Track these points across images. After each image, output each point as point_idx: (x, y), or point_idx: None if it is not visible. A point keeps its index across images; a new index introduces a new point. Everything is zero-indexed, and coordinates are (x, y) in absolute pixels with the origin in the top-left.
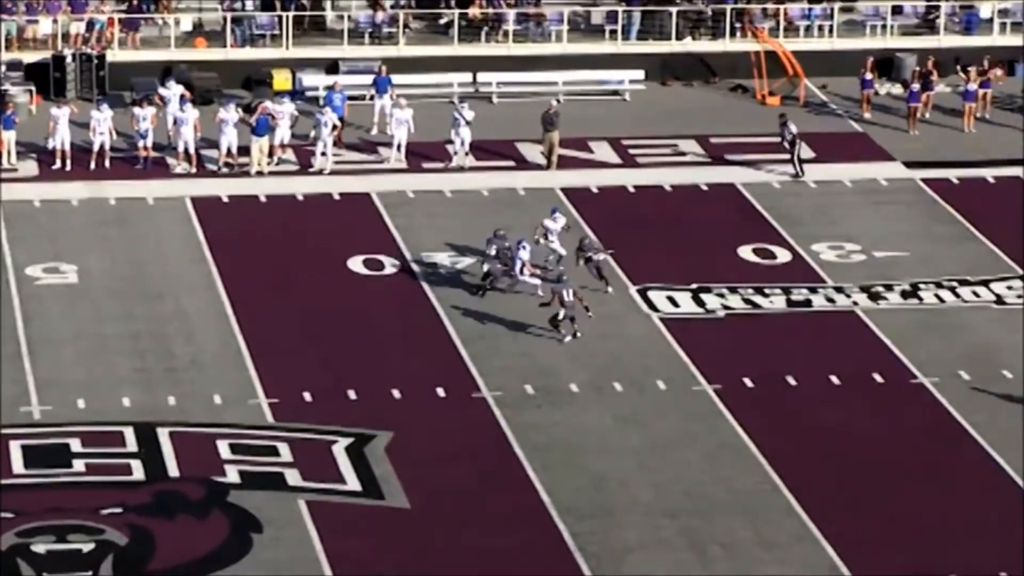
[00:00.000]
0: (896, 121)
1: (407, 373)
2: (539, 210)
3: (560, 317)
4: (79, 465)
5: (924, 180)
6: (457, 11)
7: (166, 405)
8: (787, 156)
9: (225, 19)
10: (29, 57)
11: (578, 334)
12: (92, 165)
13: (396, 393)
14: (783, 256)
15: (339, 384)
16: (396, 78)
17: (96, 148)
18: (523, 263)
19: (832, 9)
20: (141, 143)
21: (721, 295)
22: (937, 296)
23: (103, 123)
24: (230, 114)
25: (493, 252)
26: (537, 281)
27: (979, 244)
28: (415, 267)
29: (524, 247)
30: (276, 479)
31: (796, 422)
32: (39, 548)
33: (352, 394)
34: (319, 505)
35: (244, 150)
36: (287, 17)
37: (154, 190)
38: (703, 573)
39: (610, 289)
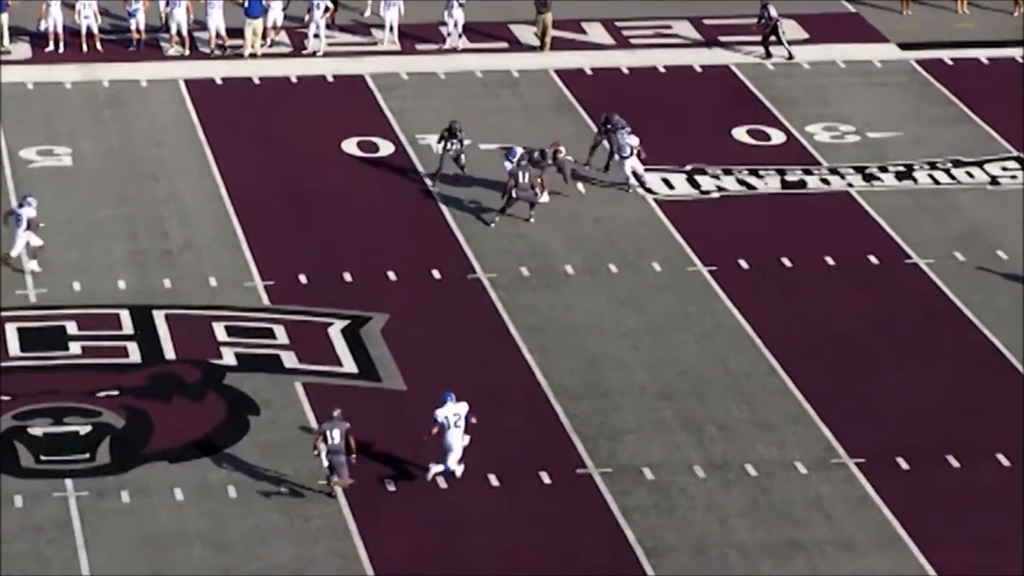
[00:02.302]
0: (889, 3)
1: (402, 255)
2: (533, 92)
3: (510, 196)
4: (75, 348)
5: (918, 61)
6: None
7: (162, 288)
8: (759, 40)
9: None
10: None
11: (531, 219)
12: (84, 48)
13: (392, 275)
14: (777, 137)
15: (334, 267)
16: None
17: (84, 31)
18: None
19: None
20: (134, 25)
21: (716, 176)
22: (931, 177)
23: (88, 6)
24: None
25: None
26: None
27: (973, 125)
28: (409, 149)
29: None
30: (272, 361)
31: (791, 303)
32: (36, 431)
33: (348, 276)
34: (316, 387)
35: (237, 32)
36: None
37: (147, 72)
38: (699, 454)
39: (580, 186)
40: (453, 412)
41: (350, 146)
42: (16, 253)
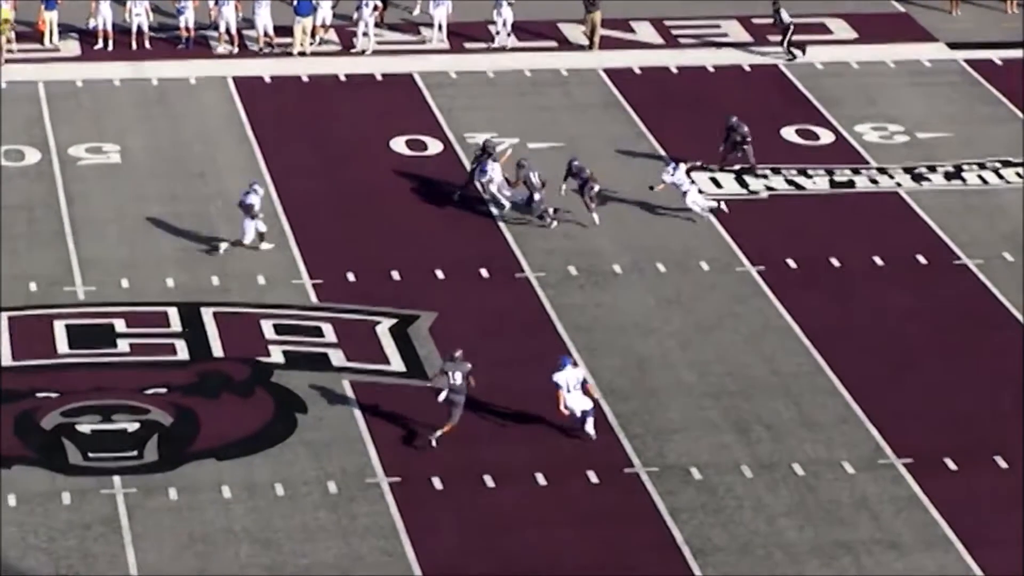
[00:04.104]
0: (939, 2)
1: (450, 254)
2: (581, 91)
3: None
4: (123, 345)
5: (967, 61)
6: None
7: (210, 285)
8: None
9: None
10: None
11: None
12: (133, 46)
13: (440, 274)
14: (826, 137)
15: (383, 265)
16: None
17: (134, 29)
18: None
19: None
20: (183, 23)
21: (764, 176)
22: (980, 177)
23: (140, 4)
24: None
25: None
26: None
27: (1022, 125)
28: (458, 148)
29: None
30: (320, 360)
31: (839, 303)
32: (84, 428)
33: (396, 275)
34: (363, 386)
35: (286, 30)
36: None
37: (196, 70)
38: (746, 454)
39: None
40: (573, 376)
41: (398, 144)
42: (249, 240)
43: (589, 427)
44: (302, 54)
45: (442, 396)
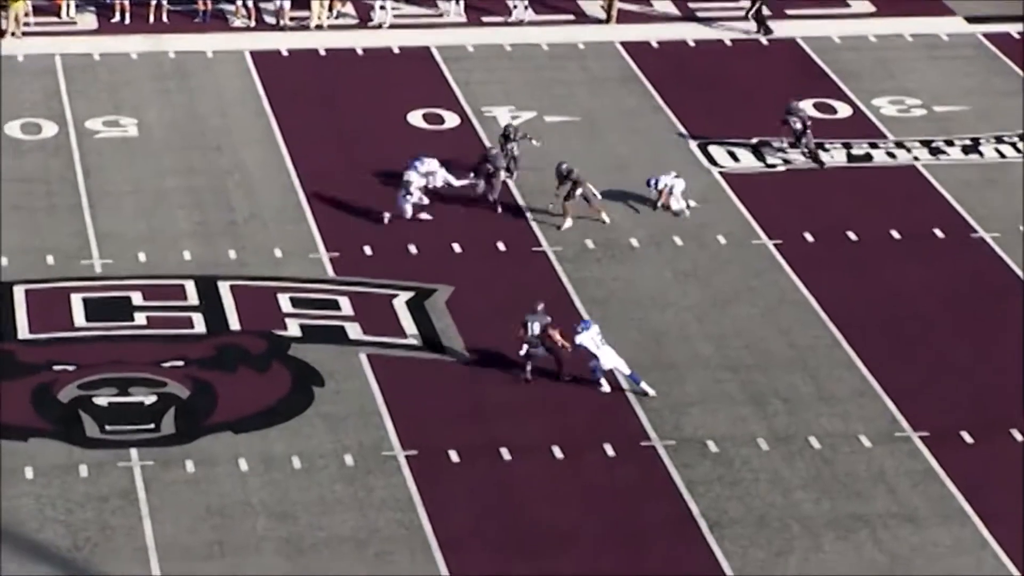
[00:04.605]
0: None
1: (467, 227)
2: (598, 64)
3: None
4: (140, 318)
5: (985, 35)
6: None
7: (227, 258)
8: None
9: None
10: None
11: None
12: (150, 19)
13: (457, 247)
14: (844, 111)
15: (399, 238)
16: None
17: (152, 2)
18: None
19: None
20: None
21: (781, 149)
22: (998, 151)
23: None
24: None
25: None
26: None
27: None
28: (475, 121)
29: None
30: (337, 333)
31: (856, 277)
32: (101, 400)
33: (413, 248)
34: (380, 359)
35: (304, 3)
36: None
37: (213, 43)
38: (763, 426)
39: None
40: (596, 333)
41: (415, 118)
42: (409, 216)
43: (644, 385)
44: (319, 27)
45: (522, 350)
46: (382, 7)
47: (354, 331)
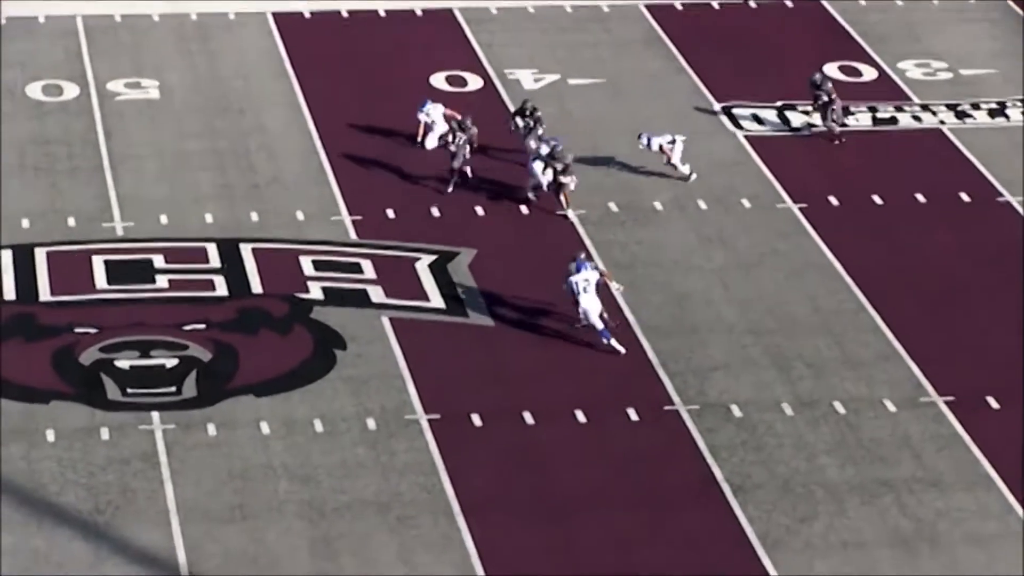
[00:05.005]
0: None
1: (490, 189)
2: (622, 27)
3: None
4: (162, 281)
5: None
6: None
7: (249, 221)
8: None
9: None
10: None
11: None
12: None
13: (479, 210)
14: (869, 74)
15: (422, 201)
16: None
17: None
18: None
19: None
20: None
21: (806, 113)
22: None
23: None
24: None
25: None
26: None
27: None
28: (498, 84)
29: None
30: (359, 296)
31: (881, 241)
32: (123, 363)
33: (435, 211)
34: (403, 322)
35: None
36: None
37: (235, 5)
38: (787, 391)
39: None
40: (584, 278)
41: (438, 80)
42: (545, 187)
43: (613, 343)
44: None
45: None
46: None
47: (377, 294)
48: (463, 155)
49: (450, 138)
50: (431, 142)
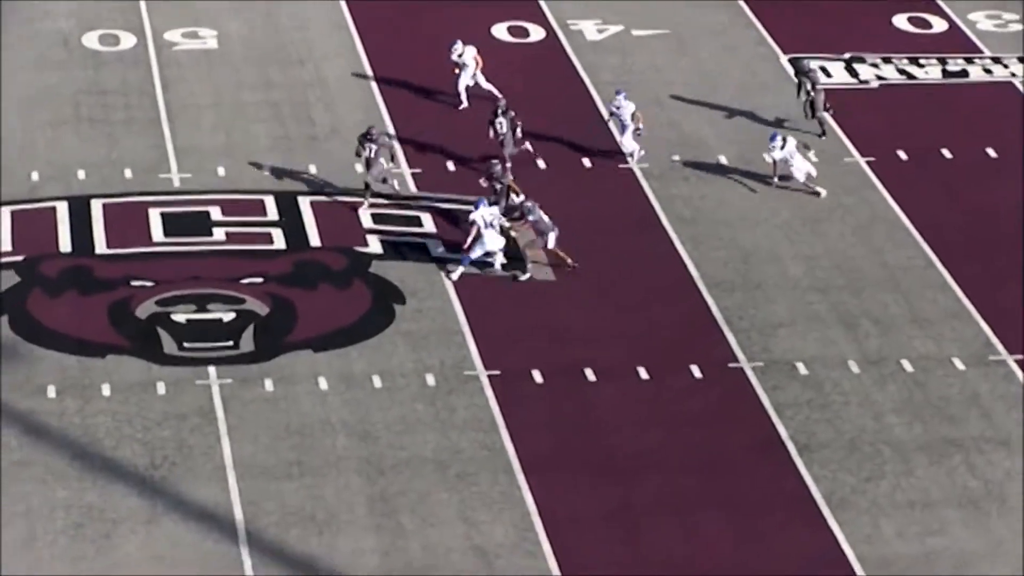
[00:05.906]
0: None
1: (553, 143)
2: None
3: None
4: (219, 234)
5: None
6: None
7: (307, 173)
8: None
9: None
10: None
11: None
12: None
13: (541, 164)
14: (939, 25)
15: (482, 154)
16: None
17: None
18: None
19: None
20: None
21: (875, 65)
22: None
23: None
24: None
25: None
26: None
27: None
28: (560, 34)
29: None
30: (419, 250)
31: (950, 195)
32: (179, 317)
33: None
34: (463, 277)
35: None
36: None
37: None
38: (854, 349)
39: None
40: (489, 213)
41: (500, 31)
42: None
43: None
44: None
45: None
46: None
47: (436, 248)
48: (511, 142)
49: (498, 127)
50: (462, 82)
